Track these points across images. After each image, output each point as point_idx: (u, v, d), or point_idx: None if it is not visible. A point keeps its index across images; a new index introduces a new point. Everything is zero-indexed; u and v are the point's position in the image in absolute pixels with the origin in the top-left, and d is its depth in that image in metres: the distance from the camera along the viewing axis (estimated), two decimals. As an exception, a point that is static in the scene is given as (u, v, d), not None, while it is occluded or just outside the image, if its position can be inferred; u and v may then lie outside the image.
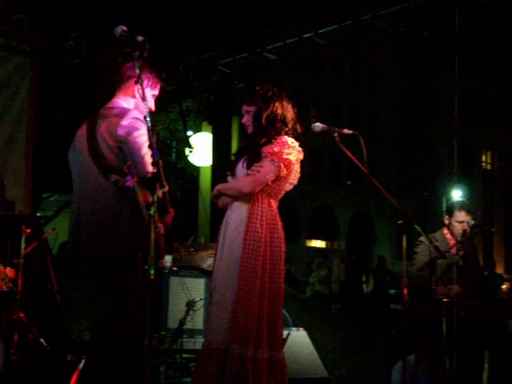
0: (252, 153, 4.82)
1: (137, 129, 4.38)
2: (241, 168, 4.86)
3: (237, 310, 4.61)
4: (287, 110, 4.90)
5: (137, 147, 4.34)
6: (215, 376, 4.56)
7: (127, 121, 4.42)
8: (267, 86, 4.97)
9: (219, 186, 4.93)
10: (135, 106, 4.65)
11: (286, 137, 4.83)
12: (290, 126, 4.89)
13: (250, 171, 4.78)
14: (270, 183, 4.79)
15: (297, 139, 4.90)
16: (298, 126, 4.94)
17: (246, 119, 4.95)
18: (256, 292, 4.64)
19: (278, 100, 4.89)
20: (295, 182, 4.94)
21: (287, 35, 10.71)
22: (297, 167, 4.89)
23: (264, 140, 4.80)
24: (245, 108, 4.96)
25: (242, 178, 4.83)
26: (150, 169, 4.13)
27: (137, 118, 4.43)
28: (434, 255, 5.64)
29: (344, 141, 4.88)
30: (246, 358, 4.55)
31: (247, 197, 4.78)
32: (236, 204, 4.83)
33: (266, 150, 4.78)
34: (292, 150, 4.81)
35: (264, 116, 4.83)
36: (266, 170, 4.75)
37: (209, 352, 4.64)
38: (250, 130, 4.94)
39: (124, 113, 4.49)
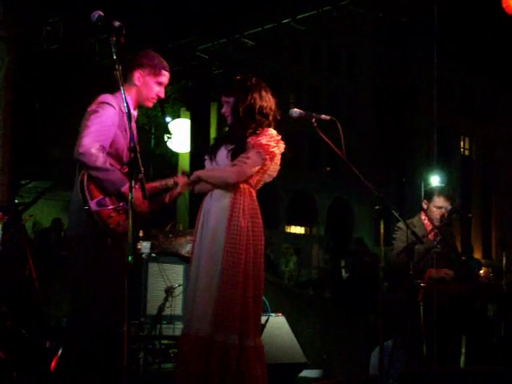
0: (237, 143, 4.78)
1: (95, 112, 4.42)
2: (224, 157, 4.82)
3: (221, 299, 4.62)
4: (266, 100, 4.87)
5: (83, 127, 4.37)
6: (202, 364, 4.57)
7: (93, 105, 4.48)
8: (246, 75, 4.95)
9: (200, 173, 4.88)
10: (136, 93, 4.67)
11: (271, 129, 4.83)
12: (270, 117, 4.87)
13: (236, 161, 4.74)
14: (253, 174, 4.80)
15: (278, 128, 4.90)
16: (279, 115, 4.93)
17: (226, 109, 4.94)
18: (239, 282, 4.64)
19: (256, 90, 4.86)
20: (274, 175, 4.93)
21: (265, 21, 10.70)
22: (278, 160, 4.88)
23: (250, 131, 4.78)
24: (224, 99, 4.95)
25: (227, 168, 4.78)
26: (82, 150, 4.23)
27: (103, 102, 4.46)
28: (412, 241, 5.67)
29: (323, 126, 4.88)
30: (230, 346, 4.57)
31: (230, 186, 4.77)
32: (217, 192, 4.80)
33: (252, 140, 4.76)
34: (277, 143, 4.81)
35: (241, 107, 4.82)
36: (252, 161, 4.73)
37: (197, 340, 4.62)
38: (229, 120, 4.93)
39: (97, 98, 4.51)
